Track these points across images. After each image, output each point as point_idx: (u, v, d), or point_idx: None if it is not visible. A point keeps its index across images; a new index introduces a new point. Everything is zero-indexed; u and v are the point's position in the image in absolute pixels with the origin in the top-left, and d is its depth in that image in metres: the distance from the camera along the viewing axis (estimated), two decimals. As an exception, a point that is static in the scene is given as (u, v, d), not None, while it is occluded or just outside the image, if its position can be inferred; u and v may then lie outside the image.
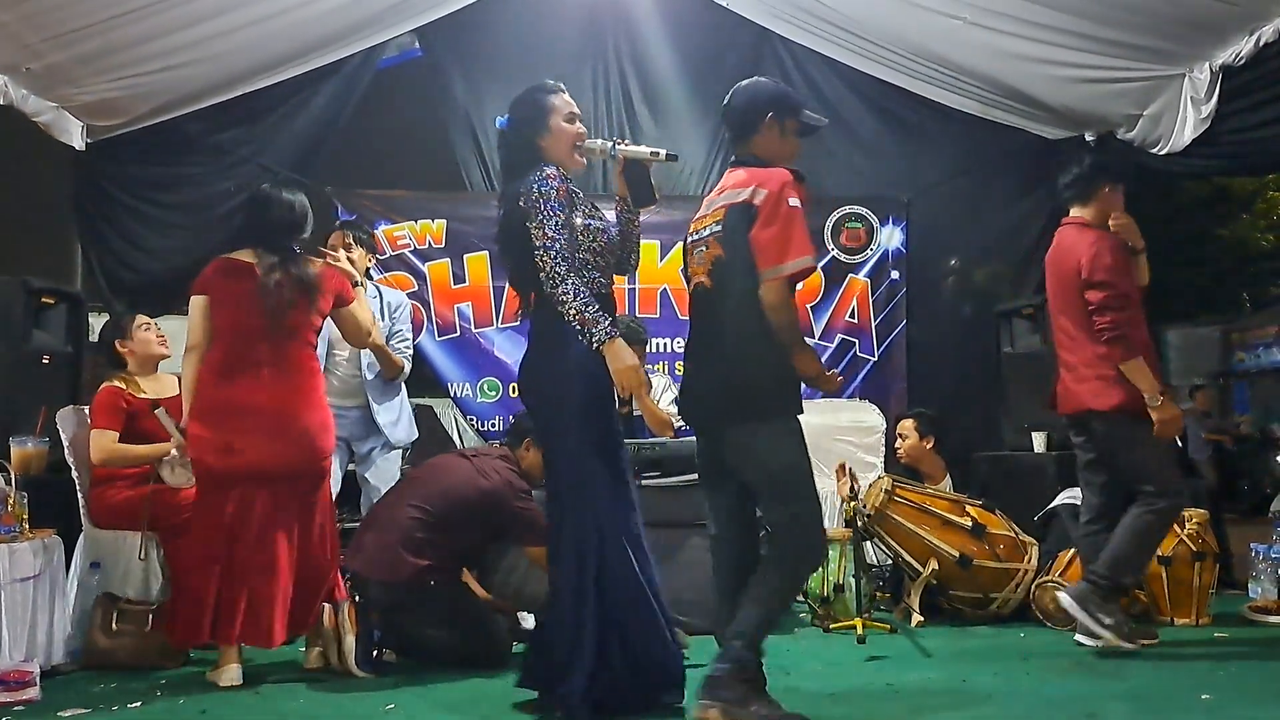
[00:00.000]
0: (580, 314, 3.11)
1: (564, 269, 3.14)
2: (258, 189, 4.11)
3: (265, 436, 3.71)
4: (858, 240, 6.92)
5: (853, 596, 4.60)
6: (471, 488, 3.97)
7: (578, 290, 3.13)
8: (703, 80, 6.97)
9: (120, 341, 4.47)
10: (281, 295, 3.76)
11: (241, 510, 3.70)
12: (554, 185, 3.20)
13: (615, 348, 3.12)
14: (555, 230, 3.16)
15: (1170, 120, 5.79)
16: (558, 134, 3.35)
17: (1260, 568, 4.91)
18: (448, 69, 6.84)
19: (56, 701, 3.45)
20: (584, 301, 3.12)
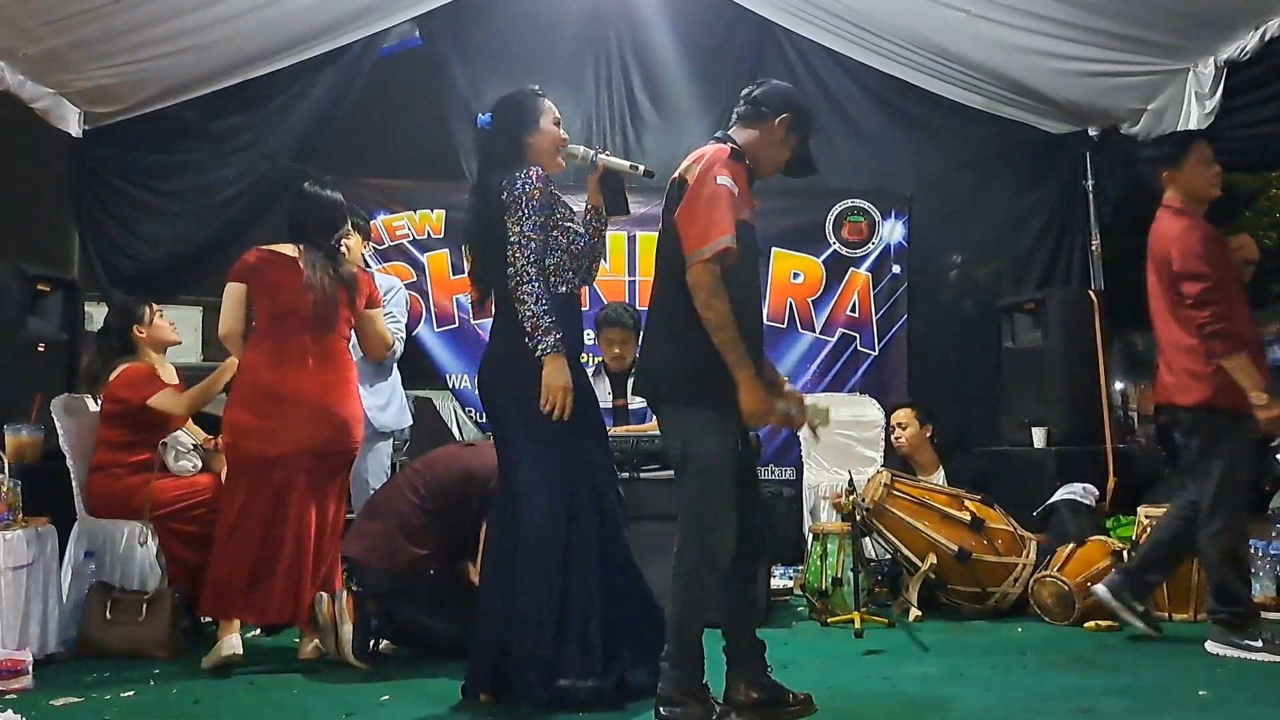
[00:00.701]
0: (536, 319, 3.17)
1: (534, 271, 3.20)
2: (300, 186, 4.23)
3: (309, 425, 3.84)
4: (859, 234, 6.89)
5: (851, 590, 4.58)
6: (463, 474, 3.96)
7: (539, 295, 3.19)
8: (705, 71, 6.95)
9: (139, 327, 4.49)
10: (326, 290, 3.90)
11: (277, 494, 3.80)
12: (537, 186, 3.25)
13: (556, 363, 3.18)
14: (532, 230, 3.22)
15: (1174, 115, 5.77)
16: (545, 134, 3.43)
17: (1259, 564, 4.89)
18: (448, 58, 6.80)
19: (50, 690, 3.44)
20: (542, 308, 3.18)
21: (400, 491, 3.98)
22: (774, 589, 4.92)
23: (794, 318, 6.80)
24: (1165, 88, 5.80)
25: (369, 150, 6.71)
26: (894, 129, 6.98)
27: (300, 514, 3.82)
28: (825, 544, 4.78)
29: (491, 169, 3.38)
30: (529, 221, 3.21)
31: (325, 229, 4.05)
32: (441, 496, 3.92)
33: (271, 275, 3.93)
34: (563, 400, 3.18)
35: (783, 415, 3.11)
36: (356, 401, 4.05)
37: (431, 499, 3.92)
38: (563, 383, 3.18)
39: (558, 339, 3.18)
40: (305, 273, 3.90)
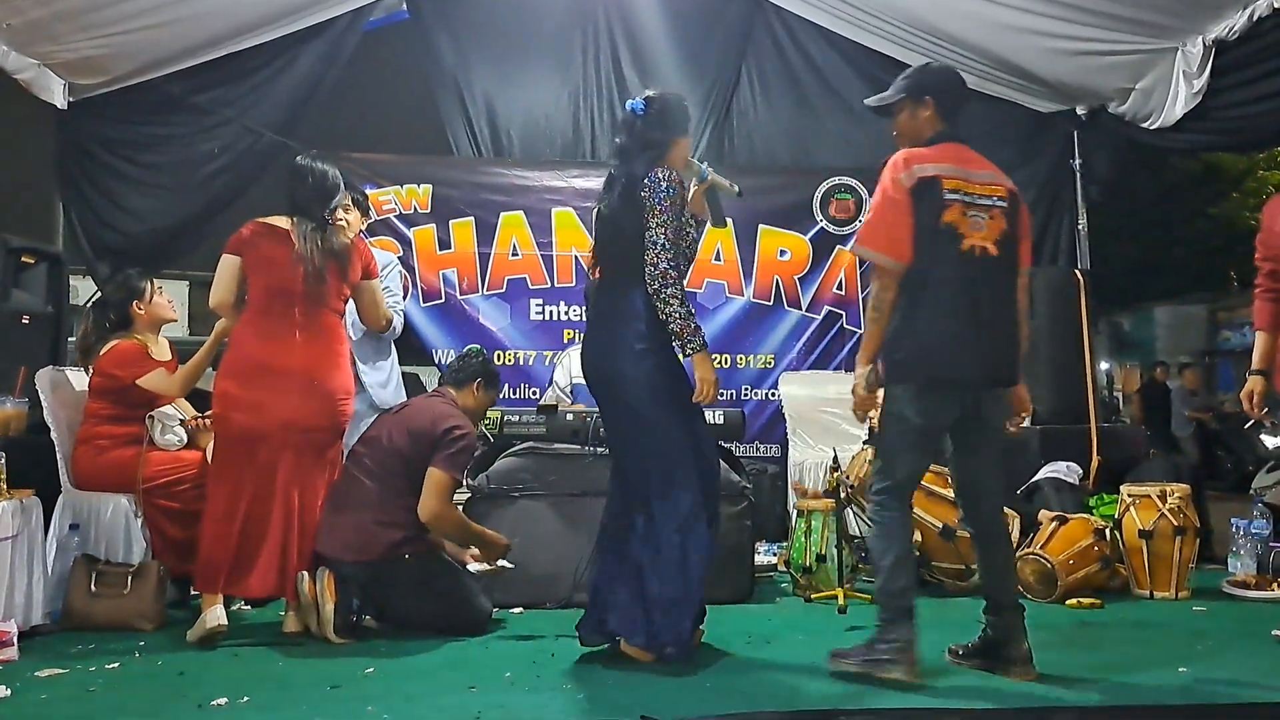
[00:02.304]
0: (684, 321, 3.41)
1: (675, 274, 3.40)
2: (295, 160, 4.25)
3: (297, 397, 3.85)
4: (847, 211, 6.89)
5: (834, 567, 4.60)
6: (408, 437, 3.96)
7: (683, 297, 3.42)
8: (694, 47, 6.94)
9: (139, 303, 4.47)
10: (316, 262, 3.90)
11: (265, 467, 3.81)
12: (678, 190, 3.44)
13: (704, 358, 3.45)
14: (671, 232, 3.40)
15: (1162, 94, 5.78)
16: (686, 143, 3.64)
17: (1240, 543, 4.93)
18: (435, 32, 6.76)
19: (34, 662, 3.44)
20: (688, 309, 3.43)
21: (356, 479, 3.95)
22: (758, 565, 4.94)
23: (780, 295, 6.81)
24: (1153, 66, 5.81)
25: (355, 124, 6.68)
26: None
27: (287, 489, 3.82)
28: (809, 521, 4.80)
29: (637, 153, 3.53)
30: (671, 226, 3.41)
31: (318, 201, 4.01)
32: (399, 466, 3.91)
33: (265, 248, 3.91)
34: (713, 393, 3.47)
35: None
36: (346, 375, 4.04)
37: (388, 473, 3.91)
38: (714, 377, 3.47)
39: (704, 339, 3.47)
40: (296, 246, 3.89)
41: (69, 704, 3.00)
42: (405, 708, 2.93)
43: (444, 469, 3.89)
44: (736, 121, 7.08)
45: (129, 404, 4.31)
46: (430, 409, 4.05)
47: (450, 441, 3.90)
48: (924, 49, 6.47)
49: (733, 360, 6.80)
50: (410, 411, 4.08)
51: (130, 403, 4.31)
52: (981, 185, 3.28)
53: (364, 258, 4.14)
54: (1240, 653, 3.52)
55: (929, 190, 3.20)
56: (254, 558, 3.78)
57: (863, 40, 6.70)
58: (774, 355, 6.81)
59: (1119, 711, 2.92)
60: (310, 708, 2.93)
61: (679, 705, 2.86)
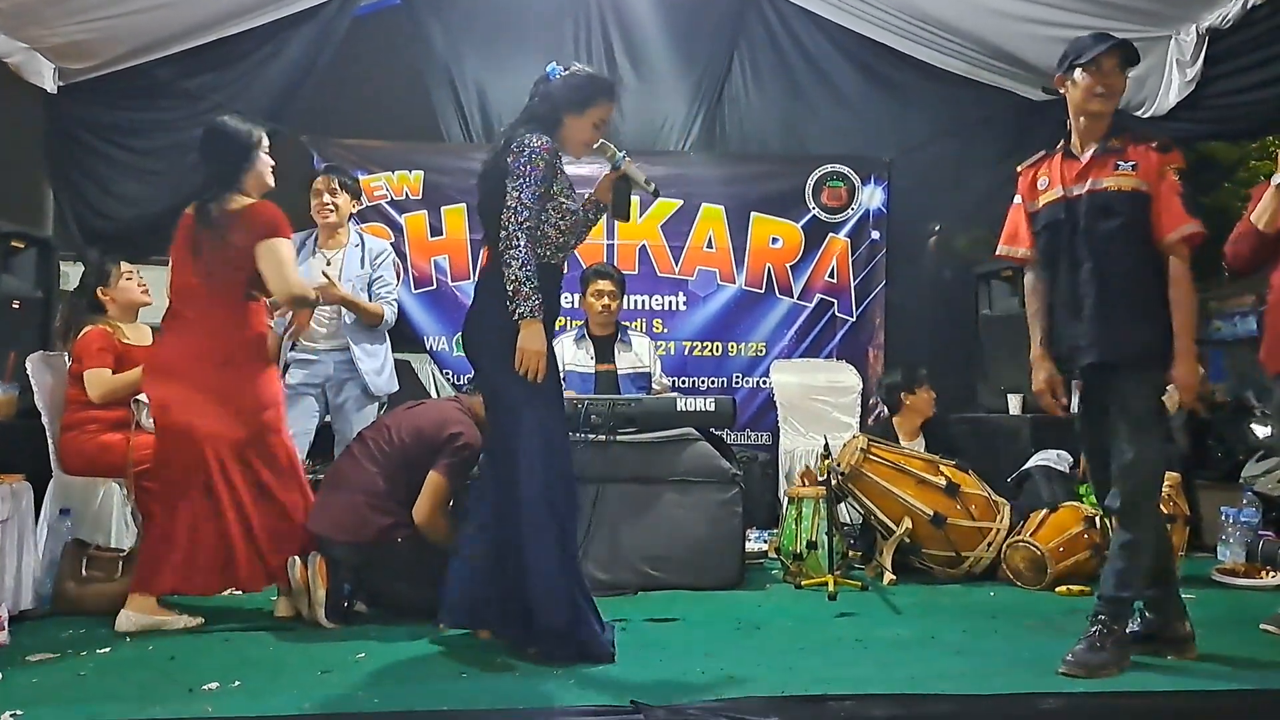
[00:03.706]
0: (518, 283, 3.24)
1: (523, 237, 3.26)
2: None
3: (197, 397, 3.70)
4: (839, 199, 6.89)
5: (825, 554, 4.61)
6: (416, 434, 3.95)
7: (525, 260, 3.25)
8: (685, 34, 6.92)
9: (102, 288, 4.41)
10: (197, 241, 3.73)
11: (206, 467, 3.71)
12: (543, 155, 3.30)
13: (533, 328, 3.26)
14: (530, 199, 3.28)
15: (1155, 83, 5.78)
16: (584, 125, 3.47)
17: (1229, 531, 4.96)
18: (426, 18, 6.73)
19: (25, 646, 3.43)
20: (526, 274, 3.24)
21: (358, 462, 3.95)
22: (749, 552, 4.95)
23: (772, 283, 6.81)
24: (1146, 55, 5.74)
25: (345, 110, 6.62)
26: (874, 94, 6.97)
27: (228, 483, 3.72)
28: (800, 508, 4.81)
29: (528, 119, 3.44)
30: (529, 190, 3.28)
31: (219, 164, 3.78)
32: (401, 460, 3.91)
33: (176, 237, 3.84)
34: (536, 365, 3.26)
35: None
36: (248, 365, 3.79)
37: (390, 464, 3.91)
38: (538, 348, 3.26)
39: (536, 305, 3.24)
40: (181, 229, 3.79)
41: (60, 689, 2.99)
42: (396, 693, 2.93)
43: (443, 475, 3.88)
44: (728, 109, 7.07)
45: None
46: (440, 412, 4.04)
47: (454, 450, 3.89)
48: (917, 36, 6.47)
49: (724, 348, 6.80)
50: (422, 410, 4.08)
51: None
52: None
53: (258, 219, 3.72)
54: (1229, 640, 3.52)
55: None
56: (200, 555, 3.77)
57: (855, 27, 6.69)
58: (765, 343, 6.81)
59: (1106, 698, 2.93)
60: (301, 693, 2.93)
61: (669, 691, 2.86)
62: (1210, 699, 2.96)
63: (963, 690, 2.94)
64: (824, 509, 4.69)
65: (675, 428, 4.66)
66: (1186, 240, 3.20)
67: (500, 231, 3.28)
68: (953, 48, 6.45)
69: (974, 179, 6.97)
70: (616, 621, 3.81)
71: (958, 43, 6.36)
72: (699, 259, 6.77)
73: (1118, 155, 3.30)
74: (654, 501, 4.60)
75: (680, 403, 4.74)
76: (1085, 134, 3.39)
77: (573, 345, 5.41)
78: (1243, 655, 3.35)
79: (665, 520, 4.57)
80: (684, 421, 4.68)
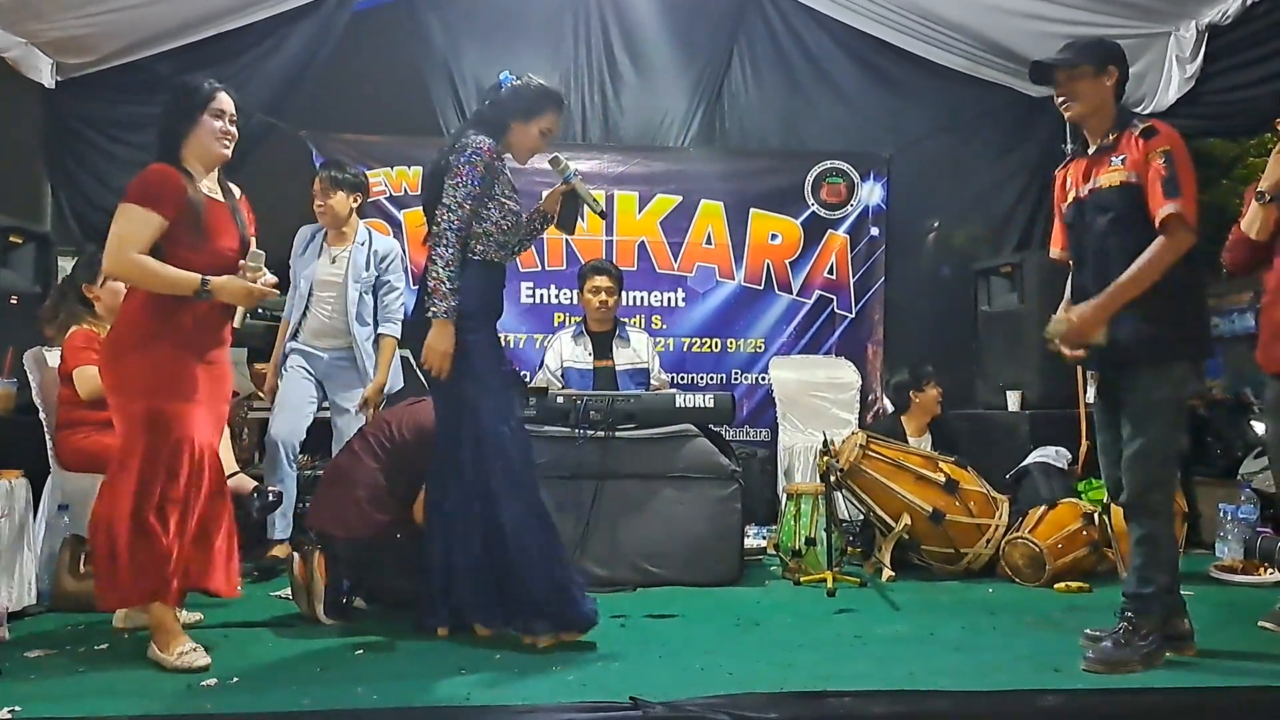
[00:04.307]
0: (439, 282, 3.32)
1: (453, 236, 3.34)
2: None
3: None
4: (838, 196, 6.89)
5: (824, 550, 4.61)
6: (417, 430, 3.94)
7: (449, 260, 3.33)
8: (685, 29, 6.91)
9: (88, 286, 4.39)
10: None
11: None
12: (481, 157, 3.38)
13: (441, 329, 3.34)
14: (465, 198, 3.36)
15: (1155, 79, 5.77)
16: (529, 133, 3.56)
17: (1227, 528, 4.96)
18: (425, 14, 6.72)
19: (24, 642, 3.44)
20: (449, 273, 3.33)
21: (359, 458, 3.95)
22: (748, 548, 4.96)
23: (771, 279, 6.81)
24: (1146, 51, 5.79)
25: (345, 105, 6.60)
26: (874, 90, 6.96)
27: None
28: (799, 504, 4.81)
29: (475, 123, 3.55)
30: (464, 190, 3.36)
31: (158, 129, 3.41)
32: (401, 457, 3.90)
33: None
34: (440, 363, 3.36)
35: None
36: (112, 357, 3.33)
37: (391, 460, 3.90)
38: (444, 347, 3.35)
39: (451, 307, 3.33)
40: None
41: (58, 684, 3.00)
42: (395, 689, 2.93)
43: None
44: (728, 104, 7.06)
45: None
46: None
47: None
48: (917, 32, 6.46)
49: (723, 344, 6.80)
50: (423, 407, 4.03)
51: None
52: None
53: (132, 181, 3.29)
54: (1226, 637, 3.53)
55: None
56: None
57: (855, 23, 6.68)
58: (764, 339, 6.81)
59: (1105, 694, 2.93)
60: (299, 689, 2.93)
61: (668, 687, 2.86)
62: (1209, 696, 2.96)
63: (961, 687, 2.94)
64: (823, 505, 4.69)
65: (674, 424, 4.66)
66: (1165, 223, 3.15)
67: (432, 227, 3.39)
68: (952, 44, 6.44)
69: (973, 175, 6.98)
70: (616, 617, 3.82)
71: (957, 39, 6.35)
72: (698, 255, 6.77)
73: (1112, 151, 3.32)
74: (653, 498, 4.60)
75: (679, 399, 4.75)
76: (1090, 135, 3.44)
77: (571, 342, 5.40)
78: (1241, 652, 3.36)
79: (664, 517, 4.58)
80: (683, 418, 4.69)
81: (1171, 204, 3.14)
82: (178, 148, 3.32)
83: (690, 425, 4.68)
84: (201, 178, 3.35)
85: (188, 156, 3.33)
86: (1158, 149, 3.21)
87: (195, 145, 3.33)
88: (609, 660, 3.25)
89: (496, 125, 3.52)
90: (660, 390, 5.28)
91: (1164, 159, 3.19)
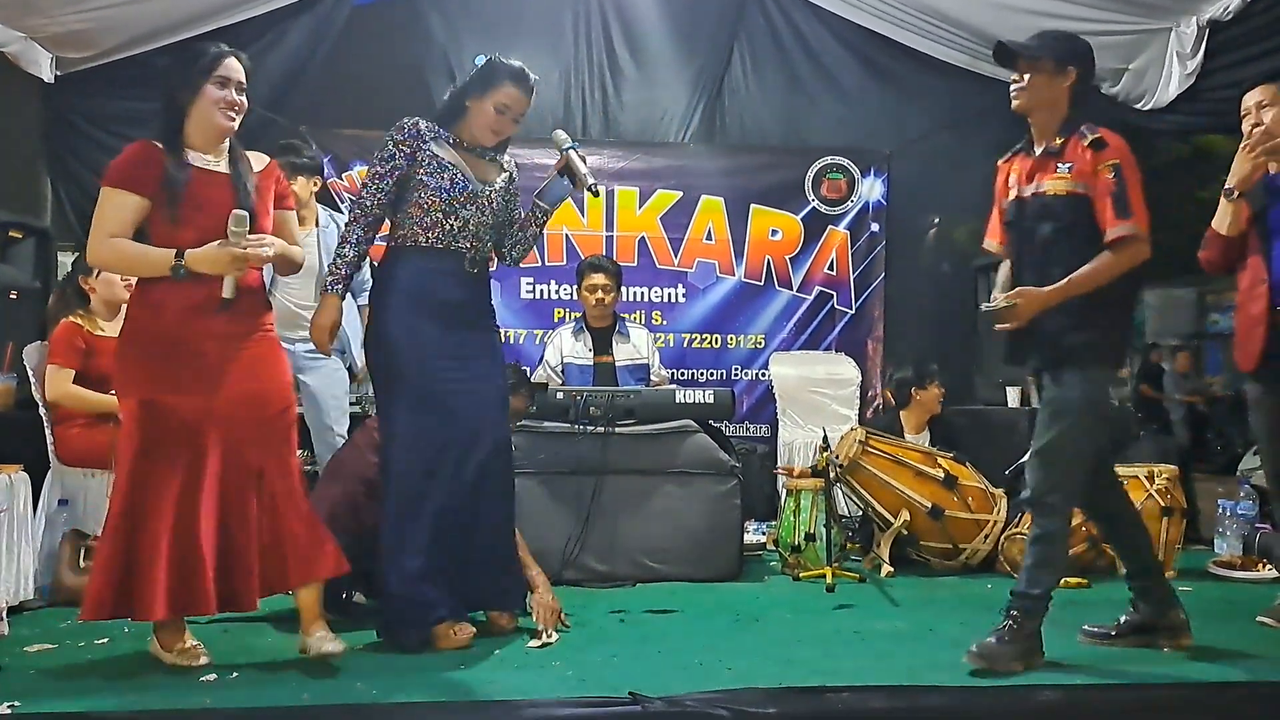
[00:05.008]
0: (335, 257, 3.41)
1: (358, 212, 3.42)
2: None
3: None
4: (838, 192, 6.88)
5: (823, 545, 4.61)
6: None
7: (347, 238, 3.40)
8: (685, 25, 6.90)
9: (84, 278, 4.39)
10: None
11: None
12: (392, 135, 3.42)
13: (327, 302, 3.38)
14: (370, 178, 3.42)
15: (1155, 75, 5.78)
16: (485, 109, 3.51)
17: (1226, 524, 4.97)
18: (425, 9, 6.71)
19: (23, 637, 3.45)
20: (350, 251, 3.39)
21: (360, 451, 3.92)
22: (747, 544, 4.96)
23: (771, 275, 6.81)
24: (1146, 47, 5.79)
25: (344, 101, 6.58)
26: (875, 86, 6.96)
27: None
28: (798, 500, 4.81)
29: (437, 107, 3.62)
30: (372, 169, 3.42)
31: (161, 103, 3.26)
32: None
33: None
34: (319, 338, 3.39)
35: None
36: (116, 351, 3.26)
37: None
38: (324, 322, 3.37)
39: (340, 282, 3.36)
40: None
41: (58, 679, 3.00)
42: (394, 684, 2.94)
43: None
44: (728, 100, 7.05)
45: (87, 382, 4.25)
46: None
47: None
48: (918, 27, 6.45)
49: (723, 340, 6.80)
50: None
51: (88, 380, 4.25)
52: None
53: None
54: (1225, 633, 3.53)
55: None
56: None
57: (856, 19, 6.67)
58: (764, 335, 6.81)
59: (1104, 690, 2.94)
60: (299, 684, 2.93)
61: (667, 682, 2.87)
62: (1207, 691, 2.96)
63: (960, 682, 2.96)
64: (822, 501, 4.69)
65: (674, 420, 4.66)
66: (1114, 245, 3.10)
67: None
68: (953, 39, 6.43)
69: (974, 171, 6.91)
70: (615, 613, 3.83)
71: (958, 34, 6.35)
72: (698, 251, 6.76)
73: (1058, 157, 3.24)
74: (652, 493, 4.60)
75: (679, 395, 4.75)
76: (1036, 133, 3.37)
77: (571, 337, 5.40)
78: (1239, 648, 3.36)
79: (664, 512, 4.58)
80: (683, 413, 4.69)
81: (1123, 225, 3.08)
82: (179, 119, 3.15)
83: (690, 421, 4.68)
84: (207, 150, 3.17)
85: (190, 128, 3.15)
86: (1107, 162, 3.13)
87: (197, 116, 3.14)
88: (608, 655, 3.25)
89: (454, 106, 3.53)
90: (660, 386, 5.28)
91: (1113, 173, 3.11)
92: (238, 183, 3.16)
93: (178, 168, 3.09)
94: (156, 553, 2.99)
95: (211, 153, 3.19)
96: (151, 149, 3.13)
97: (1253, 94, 3.87)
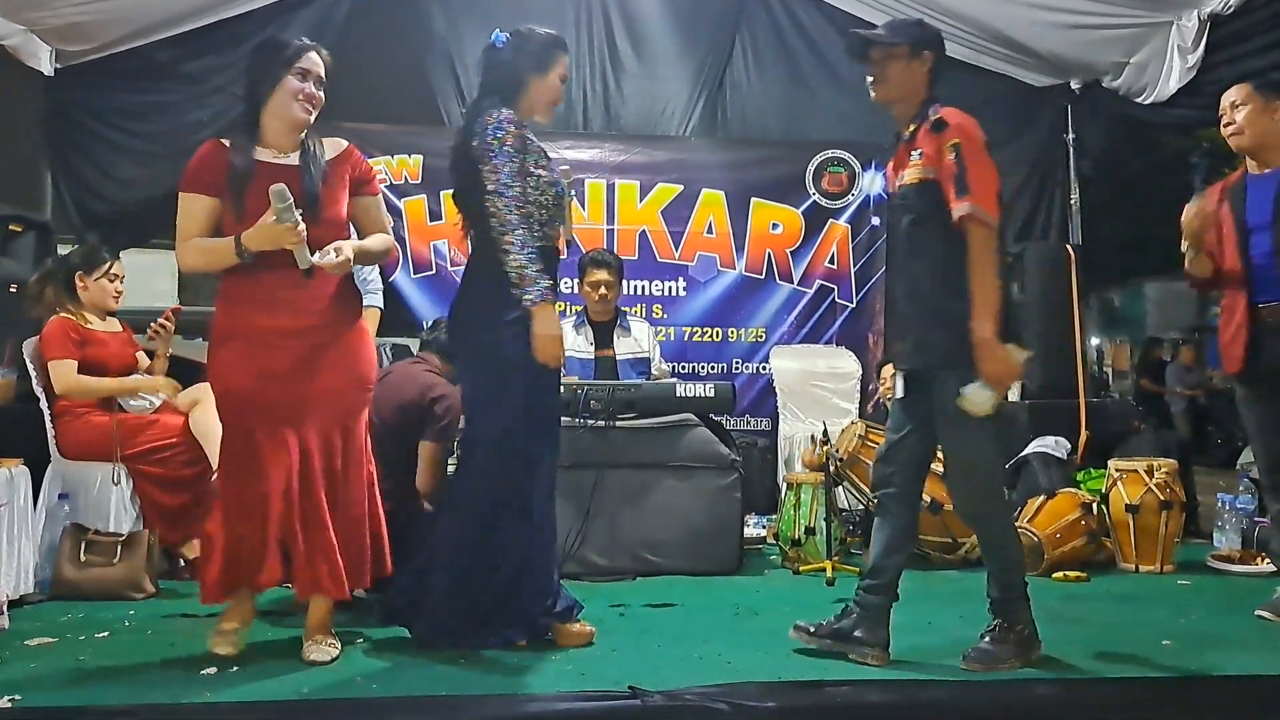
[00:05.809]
0: (521, 269, 3.09)
1: (515, 218, 3.11)
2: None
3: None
4: (839, 185, 6.88)
5: (823, 539, 4.62)
6: (399, 409, 3.93)
7: (524, 243, 3.10)
8: (687, 18, 6.90)
9: (81, 276, 4.39)
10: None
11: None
12: (507, 130, 3.16)
13: (546, 312, 3.12)
14: (509, 177, 3.13)
15: (1156, 69, 5.77)
16: (549, 84, 3.35)
17: (1225, 518, 4.97)
18: (426, 1, 6.71)
19: (24, 631, 3.44)
20: (528, 256, 3.10)
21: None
22: (747, 537, 4.96)
23: (772, 268, 6.80)
24: (1148, 41, 5.79)
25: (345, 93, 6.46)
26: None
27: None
28: (798, 493, 4.81)
29: (487, 93, 3.34)
30: (505, 169, 3.13)
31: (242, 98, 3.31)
32: (388, 439, 3.87)
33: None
34: (555, 350, 3.15)
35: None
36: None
37: (380, 447, 3.87)
38: (555, 332, 3.15)
39: (547, 287, 3.12)
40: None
41: (59, 673, 3.00)
42: (395, 678, 2.94)
43: (436, 440, 3.90)
44: (730, 93, 7.06)
45: (85, 370, 4.26)
46: (415, 379, 4.02)
47: (438, 414, 3.91)
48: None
49: (724, 334, 6.81)
50: (395, 381, 4.02)
51: (86, 368, 4.26)
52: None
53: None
54: (1224, 626, 3.54)
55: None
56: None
57: (857, 12, 6.65)
58: (765, 329, 6.81)
59: (1103, 683, 2.94)
60: (300, 678, 2.94)
61: (667, 676, 2.87)
62: (1206, 685, 2.97)
63: (958, 676, 2.96)
64: (823, 495, 4.70)
65: (675, 413, 4.67)
66: (960, 227, 2.98)
67: (490, 219, 3.14)
68: (953, 33, 6.40)
69: (974, 165, 6.96)
70: (615, 607, 3.83)
71: (958, 27, 6.33)
72: (699, 244, 6.76)
73: (911, 145, 3.14)
74: (653, 487, 4.60)
75: (680, 388, 4.75)
76: (900, 124, 3.27)
77: (572, 331, 5.39)
78: (1238, 641, 3.36)
79: (664, 506, 4.58)
80: (683, 407, 4.69)
81: (962, 204, 2.95)
82: (257, 111, 3.15)
83: (691, 415, 4.69)
84: (281, 143, 3.16)
85: (266, 120, 3.15)
86: (949, 142, 3.01)
87: (274, 108, 3.14)
88: (608, 649, 3.26)
89: (512, 86, 3.29)
90: (661, 380, 5.28)
91: (954, 153, 2.99)
92: (305, 174, 3.14)
93: (244, 164, 3.09)
94: (266, 532, 3.06)
95: (285, 146, 3.18)
96: (217, 148, 3.13)
97: (1229, 94, 3.84)
